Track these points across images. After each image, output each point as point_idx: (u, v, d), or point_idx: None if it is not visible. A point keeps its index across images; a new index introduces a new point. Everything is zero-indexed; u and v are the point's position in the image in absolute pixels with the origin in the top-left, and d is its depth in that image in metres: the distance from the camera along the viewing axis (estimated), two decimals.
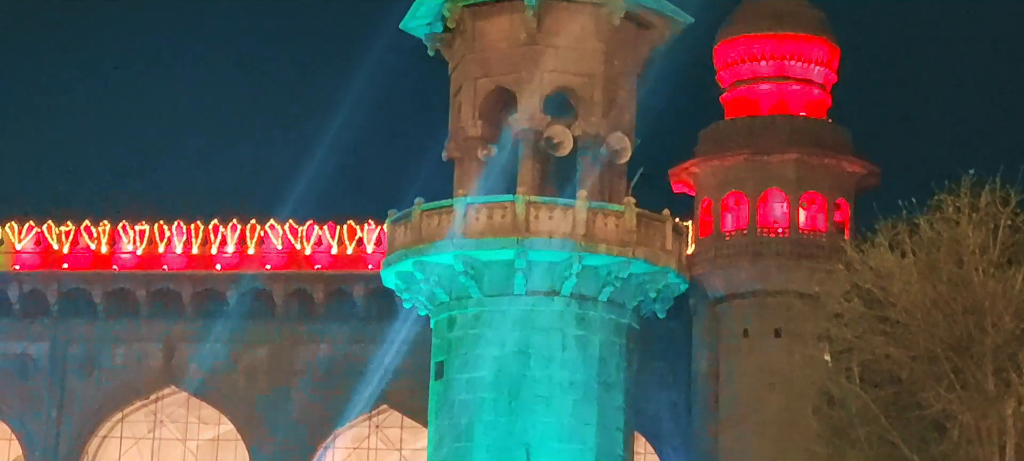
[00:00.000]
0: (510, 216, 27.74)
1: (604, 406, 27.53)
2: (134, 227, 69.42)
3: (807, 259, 58.60)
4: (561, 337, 27.78)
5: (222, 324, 67.17)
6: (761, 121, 63.81)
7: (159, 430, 71.45)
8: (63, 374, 69.79)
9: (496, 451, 26.95)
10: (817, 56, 64.94)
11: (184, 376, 68.78)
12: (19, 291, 69.26)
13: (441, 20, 29.41)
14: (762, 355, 59.46)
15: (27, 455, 69.78)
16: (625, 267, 27.79)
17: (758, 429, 48.98)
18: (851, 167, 63.26)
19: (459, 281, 28.03)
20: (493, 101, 29.14)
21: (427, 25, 29.78)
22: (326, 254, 68.10)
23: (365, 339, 62.61)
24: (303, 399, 66.18)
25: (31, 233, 69.85)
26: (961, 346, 32.52)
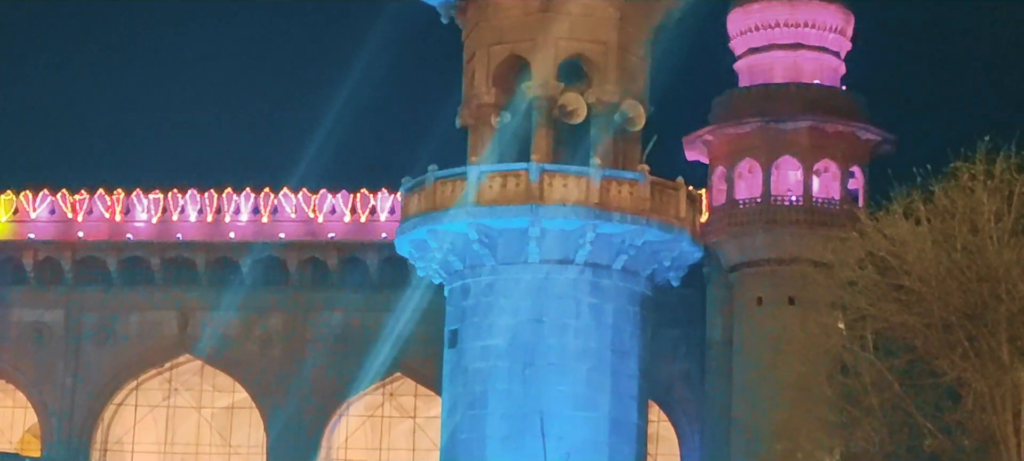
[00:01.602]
0: (524, 184, 27.73)
1: (618, 374, 27.55)
2: (148, 195, 69.54)
3: (821, 227, 58.58)
4: (575, 305, 27.80)
5: (236, 292, 67.27)
6: (775, 89, 63.71)
7: (173, 398, 71.65)
8: (78, 342, 69.98)
9: (510, 418, 26.99)
10: (832, 23, 64.79)
11: (198, 344, 68.93)
12: (33, 259, 69.44)
13: None
14: (776, 323, 59.38)
15: (42, 423, 70.02)
16: (639, 235, 27.78)
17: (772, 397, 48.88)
18: (865, 135, 63.15)
19: (473, 249, 28.04)
20: (507, 68, 29.09)
21: None
22: (339, 222, 68.19)
23: (378, 307, 62.63)
24: (317, 367, 66.32)
25: (46, 201, 70.01)
26: (975, 314, 32.52)
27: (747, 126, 62.79)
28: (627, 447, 27.50)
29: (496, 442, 26.93)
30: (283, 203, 68.45)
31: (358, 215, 68.06)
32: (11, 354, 70.14)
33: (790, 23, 64.39)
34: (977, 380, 31.91)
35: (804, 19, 64.39)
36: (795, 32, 64.42)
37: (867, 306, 34.46)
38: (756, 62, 64.84)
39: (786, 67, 64.25)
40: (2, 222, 70.03)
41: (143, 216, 69.34)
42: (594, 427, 27.11)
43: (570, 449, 26.63)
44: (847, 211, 57.35)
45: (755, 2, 64.26)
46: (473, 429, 27.28)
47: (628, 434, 27.46)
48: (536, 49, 28.50)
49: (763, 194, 62.73)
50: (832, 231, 51.83)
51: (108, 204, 69.58)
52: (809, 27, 64.55)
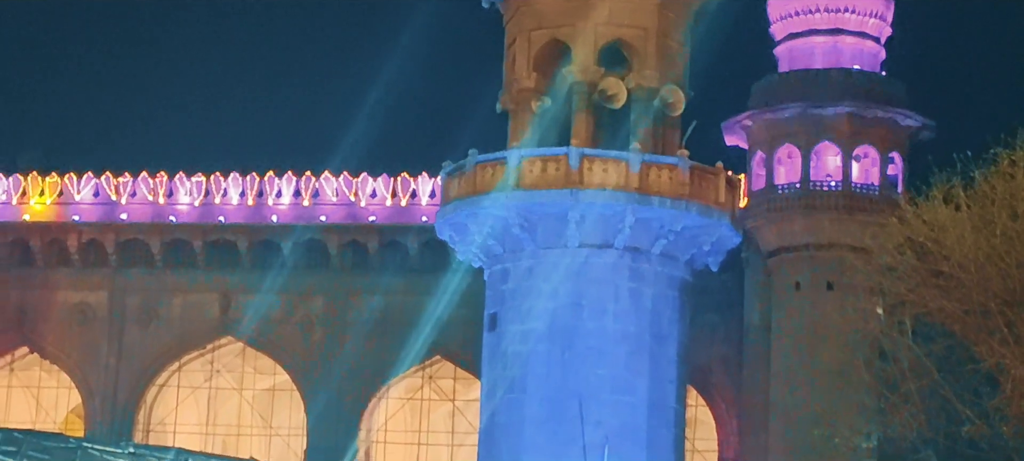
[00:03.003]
0: (564, 168, 27.71)
1: (656, 358, 27.53)
2: (191, 178, 69.83)
3: (860, 212, 58.40)
4: (614, 289, 27.77)
5: (277, 275, 67.45)
6: (815, 74, 63.56)
7: (215, 380, 71.91)
8: (121, 324, 70.31)
9: (549, 402, 27.02)
10: (872, 8, 64.55)
11: (240, 326, 69.17)
12: (78, 241, 69.78)
13: None
14: (814, 308, 59.33)
15: (86, 403, 70.43)
16: (678, 219, 27.73)
17: (809, 382, 48.86)
18: (905, 121, 62.93)
19: (512, 233, 28.04)
20: (547, 53, 29.06)
21: None
22: (380, 206, 68.32)
23: (418, 290, 62.69)
24: (357, 349, 66.47)
25: (90, 184, 70.34)
26: (1015, 300, 32.41)
27: (786, 111, 62.71)
28: (665, 431, 27.50)
29: (534, 425, 26.96)
30: (324, 186, 68.64)
31: (399, 199, 68.21)
32: (55, 335, 70.56)
33: (830, 8, 64.20)
34: (1016, 366, 31.81)
35: (844, 4, 64.19)
36: (835, 17, 64.24)
37: (906, 292, 34.37)
38: (796, 47, 64.71)
39: (826, 53, 64.09)
40: (47, 204, 70.41)
41: (186, 199, 69.63)
42: (632, 411, 27.10)
43: (608, 433, 26.63)
44: (886, 197, 57.21)
45: None
46: (512, 412, 27.32)
47: (666, 418, 27.46)
48: (576, 34, 28.46)
49: (802, 179, 62.62)
50: (871, 217, 51.74)
51: (151, 187, 69.89)
52: (849, 12, 64.36)
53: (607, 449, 26.53)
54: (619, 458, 26.69)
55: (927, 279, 33.72)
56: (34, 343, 71.37)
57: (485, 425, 28.04)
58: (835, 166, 62.60)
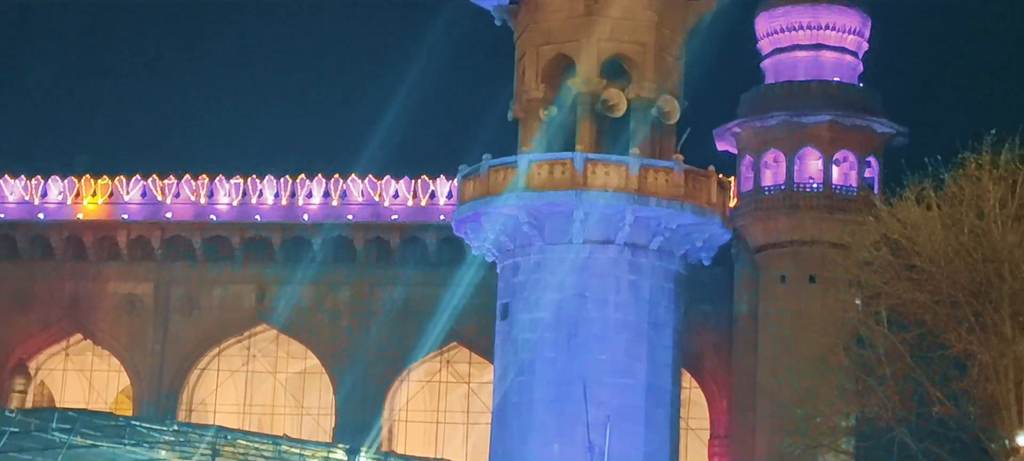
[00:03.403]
0: (569, 171, 27.70)
1: (654, 344, 27.53)
2: (230, 180, 69.96)
3: (839, 212, 58.36)
4: (615, 282, 27.77)
5: (308, 268, 67.54)
6: (798, 85, 63.57)
7: (252, 364, 71.98)
8: (166, 313, 70.40)
9: (555, 384, 27.01)
10: (850, 25, 64.61)
11: (274, 315, 69.25)
12: (127, 238, 69.89)
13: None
14: (798, 299, 59.30)
15: (134, 385, 70.56)
16: (674, 218, 27.72)
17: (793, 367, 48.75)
18: (881, 128, 62.97)
19: (522, 230, 28.05)
20: (554, 66, 29.07)
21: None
22: (402, 205, 68.36)
23: (436, 282, 62.67)
24: (380, 336, 66.49)
25: (138, 185, 70.47)
26: (981, 292, 32.37)
27: (772, 120, 62.71)
28: (661, 411, 27.49)
29: (543, 406, 26.95)
30: (351, 188, 68.72)
31: (419, 199, 68.23)
32: (106, 323, 70.68)
33: (812, 26, 64.22)
34: (982, 352, 31.76)
35: (825, 22, 64.22)
36: (816, 34, 64.26)
37: (881, 284, 34.34)
38: (781, 61, 64.70)
39: (808, 66, 64.09)
40: (99, 204, 70.52)
41: (225, 199, 69.72)
42: (632, 393, 27.09)
43: (610, 412, 26.62)
44: (863, 197, 57.12)
45: (780, 6, 64.14)
46: (522, 394, 27.31)
47: (663, 399, 27.46)
48: (581, 49, 28.45)
49: (786, 181, 62.61)
50: (850, 216, 51.68)
51: (194, 188, 70.01)
52: (829, 29, 64.39)
53: (609, 427, 26.53)
54: (620, 435, 26.68)
55: (901, 273, 33.71)
56: (87, 330, 71.48)
57: (498, 405, 28.05)
58: (817, 169, 62.59)
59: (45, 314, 71.27)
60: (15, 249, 70.67)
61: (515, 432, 27.28)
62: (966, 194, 33.12)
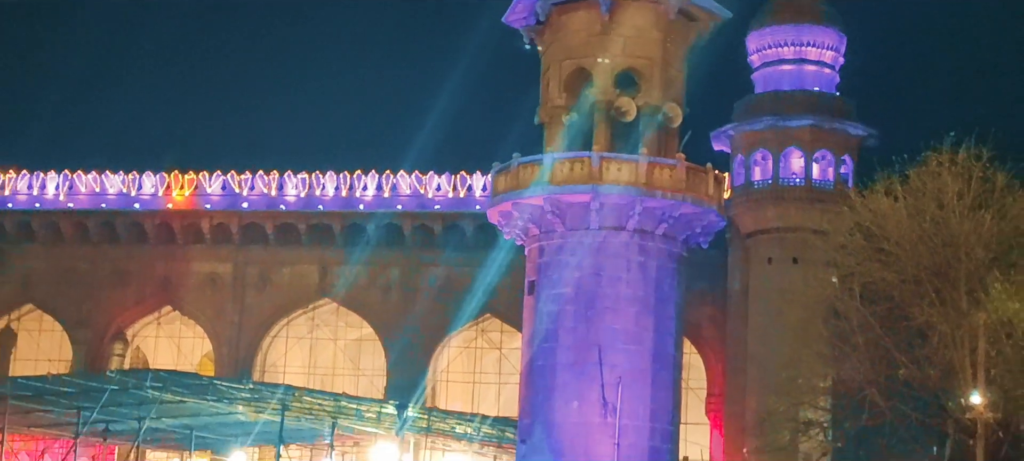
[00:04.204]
0: (587, 167, 27.67)
1: (659, 316, 27.48)
2: (297, 175, 70.21)
3: (819, 203, 58.18)
4: (626, 262, 27.72)
5: (363, 250, 67.72)
6: (784, 94, 63.46)
7: (315, 332, 72.22)
8: (243, 289, 70.67)
9: (575, 350, 27.01)
10: (828, 43, 64.54)
11: (334, 290, 69.46)
12: (209, 224, 70.17)
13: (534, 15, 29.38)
14: (782, 278, 59.14)
15: (215, 350, 70.87)
16: (676, 208, 27.67)
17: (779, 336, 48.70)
18: (855, 131, 62.86)
19: (547, 218, 28.04)
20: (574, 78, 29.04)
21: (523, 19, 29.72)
22: (443, 197, 68.45)
23: (473, 263, 62.82)
24: (425, 308, 66.60)
25: (218, 179, 70.73)
26: (941, 272, 32.26)
27: (761, 124, 62.62)
28: (666, 373, 27.45)
29: (564, 368, 26.94)
30: (400, 181, 68.86)
31: (458, 191, 68.33)
32: (192, 297, 71.02)
33: (795, 43, 64.20)
34: (941, 323, 31.64)
35: (806, 40, 64.16)
36: (799, 50, 64.21)
37: (855, 265, 34.24)
38: (768, 74, 64.62)
39: (792, 78, 64.01)
40: (185, 196, 70.80)
41: (293, 191, 69.94)
42: (640, 357, 27.04)
43: (621, 374, 26.59)
44: (839, 190, 56.87)
45: (768, 26, 64.09)
46: (546, 358, 27.30)
47: (667, 363, 27.41)
48: (597, 63, 28.38)
49: (773, 177, 62.48)
50: (827, 206, 51.49)
51: (266, 182, 70.26)
52: (810, 46, 64.33)
53: (620, 386, 26.50)
54: (630, 394, 26.65)
55: (872, 255, 33.60)
56: (176, 303, 71.82)
57: (525, 367, 28.07)
58: (799, 166, 62.45)
59: (140, 289, 71.65)
60: (115, 234, 71.05)
61: (540, 391, 27.26)
62: (928, 187, 33.01)
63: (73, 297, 71.21)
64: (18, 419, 43.71)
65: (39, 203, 71.75)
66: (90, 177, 71.76)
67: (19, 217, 71.67)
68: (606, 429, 26.30)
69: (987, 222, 32.25)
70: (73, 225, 71.18)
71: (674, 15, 28.45)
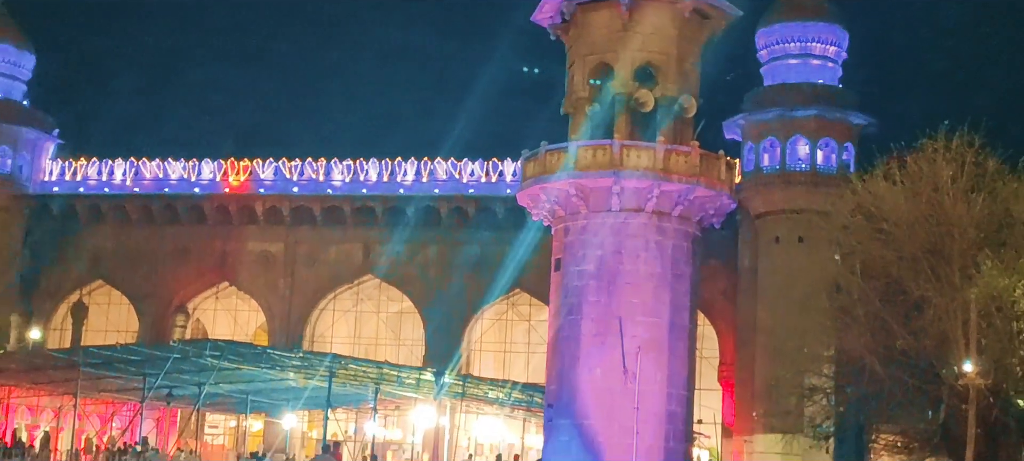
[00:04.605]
0: (609, 154, 27.70)
1: (675, 291, 27.52)
2: (342, 162, 70.39)
3: (823, 186, 58.10)
4: (644, 241, 27.76)
5: (403, 231, 67.89)
6: (790, 86, 63.38)
7: (359, 305, 72.49)
8: (293, 265, 70.99)
9: (597, 321, 27.11)
10: (831, 39, 64.43)
11: (377, 267, 69.69)
12: (263, 207, 70.48)
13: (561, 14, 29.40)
14: (789, 256, 59.14)
15: (268, 322, 71.24)
16: (691, 191, 27.69)
17: (786, 309, 48.78)
18: (856, 120, 62.77)
19: (572, 201, 28.11)
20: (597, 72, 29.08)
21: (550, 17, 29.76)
22: (477, 181, 68.55)
23: (504, 242, 62.86)
24: (460, 284, 66.74)
25: (271, 166, 71.02)
26: (936, 250, 32.18)
27: (769, 114, 62.59)
28: (681, 343, 27.51)
29: (588, 338, 27.04)
30: (437, 167, 68.97)
31: (490, 176, 68.41)
32: (247, 274, 71.41)
33: (801, 39, 64.16)
34: (936, 297, 31.58)
35: (811, 36, 64.10)
36: (805, 46, 64.18)
37: (856, 244, 34.19)
38: (776, 67, 64.54)
39: (798, 71, 63.96)
40: (240, 181, 71.12)
41: (339, 176, 70.15)
42: (657, 329, 27.09)
43: (640, 344, 26.67)
44: (842, 175, 56.79)
45: (776, 24, 64.03)
46: (571, 329, 27.40)
47: (682, 334, 27.47)
48: (618, 58, 28.38)
49: (781, 162, 62.45)
50: (831, 189, 51.36)
51: (314, 168, 70.50)
52: (815, 43, 64.26)
53: (639, 355, 26.57)
54: (648, 362, 26.72)
55: (871, 235, 33.54)
56: (232, 279, 72.21)
57: (552, 338, 28.17)
58: (805, 153, 62.36)
59: (199, 266, 72.04)
60: (176, 216, 71.47)
61: (566, 359, 27.35)
62: (924, 172, 32.91)
63: (139, 273, 71.71)
64: (90, 385, 44.11)
65: (107, 188, 72.23)
66: (154, 164, 72.19)
67: (90, 201, 72.19)
68: (626, 394, 26.37)
69: (979, 204, 32.17)
70: (138, 208, 71.63)
71: (689, 13, 28.39)
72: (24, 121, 72.59)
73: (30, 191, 72.25)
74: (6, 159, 72.03)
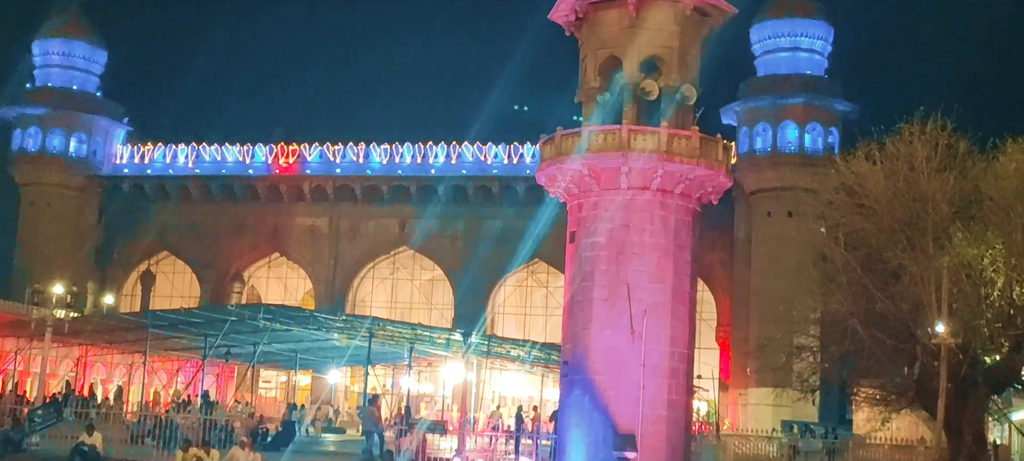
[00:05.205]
0: (618, 138, 27.56)
1: (677, 260, 27.42)
2: (379, 146, 70.54)
3: (810, 166, 57.98)
4: (650, 216, 27.63)
5: (434, 207, 68.09)
6: (781, 77, 63.25)
7: (396, 274, 72.76)
8: (337, 238, 71.29)
9: (608, 287, 27.05)
10: (818, 33, 64.23)
11: (411, 240, 69.89)
12: (309, 186, 70.79)
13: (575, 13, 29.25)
14: (779, 228, 59.01)
15: (315, 288, 71.63)
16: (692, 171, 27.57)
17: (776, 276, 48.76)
18: (840, 106, 62.70)
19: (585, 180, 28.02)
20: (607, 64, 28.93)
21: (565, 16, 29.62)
22: (500, 163, 68.64)
23: (524, 217, 62.99)
24: (486, 255, 66.92)
25: (316, 149, 71.22)
26: (911, 223, 31.97)
27: (762, 101, 62.49)
28: (682, 307, 27.44)
29: (599, 302, 26.99)
30: (464, 150, 69.05)
31: (511, 158, 68.49)
32: (296, 245, 71.81)
33: (791, 34, 64.02)
34: (912, 265, 31.39)
35: (800, 31, 63.95)
36: (794, 40, 64.03)
37: (840, 217, 33.98)
38: (768, 59, 64.37)
39: (788, 63, 63.82)
40: (289, 163, 71.39)
41: (377, 159, 70.29)
42: (661, 294, 27.01)
43: (646, 307, 26.61)
44: (827, 156, 56.58)
45: (768, 21, 63.90)
46: (585, 294, 27.37)
47: (683, 298, 27.40)
48: (626, 51, 28.20)
49: (772, 145, 62.34)
50: (817, 169, 51.17)
51: (355, 151, 70.71)
52: (803, 36, 64.12)
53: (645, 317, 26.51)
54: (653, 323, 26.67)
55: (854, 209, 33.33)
56: (282, 250, 72.63)
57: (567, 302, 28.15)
58: (794, 136, 62.22)
59: (254, 239, 72.44)
60: (233, 195, 71.84)
61: (580, 321, 27.31)
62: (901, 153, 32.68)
63: (200, 245, 72.15)
64: (157, 345, 44.37)
65: (172, 169, 72.64)
66: (213, 148, 72.53)
67: (156, 181, 72.64)
68: (634, 352, 26.31)
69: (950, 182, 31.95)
70: (199, 187, 71.99)
71: (690, 11, 28.16)
72: (97, 110, 73.14)
73: (103, 173, 72.83)
74: (82, 145, 72.61)
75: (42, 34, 73.60)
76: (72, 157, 72.12)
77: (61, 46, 73.48)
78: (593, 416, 26.18)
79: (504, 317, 70.90)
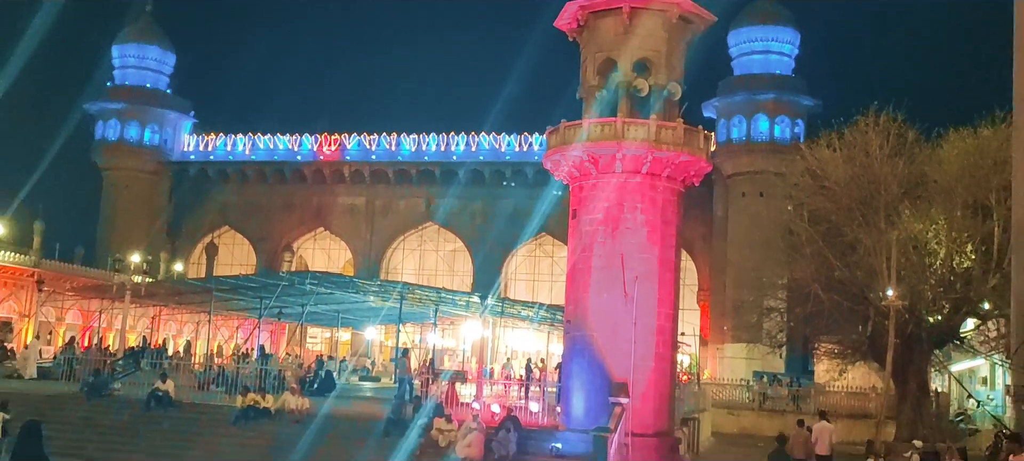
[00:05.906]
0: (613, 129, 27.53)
1: (664, 234, 27.40)
2: (408, 135, 70.55)
3: (779, 153, 57.76)
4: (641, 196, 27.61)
5: (456, 188, 68.11)
6: (754, 76, 62.99)
7: (423, 245, 72.85)
8: (372, 215, 71.37)
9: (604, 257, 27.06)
10: (787, 38, 63.90)
11: (436, 216, 69.98)
12: (349, 170, 70.83)
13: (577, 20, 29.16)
14: (753, 207, 58.86)
15: (354, 259, 71.80)
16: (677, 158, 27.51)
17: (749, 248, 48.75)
18: (805, 101, 62.45)
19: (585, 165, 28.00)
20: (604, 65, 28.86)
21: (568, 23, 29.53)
22: (512, 150, 68.55)
23: (533, 197, 63.11)
24: (500, 229, 66.94)
25: (354, 138, 71.23)
26: (866, 202, 31.97)
27: (738, 97, 62.21)
28: (668, 274, 27.44)
29: (597, 271, 27.01)
30: (481, 139, 68.99)
31: (522, 146, 68.40)
32: (337, 221, 71.95)
33: (763, 39, 63.77)
34: (866, 238, 31.41)
35: (771, 36, 63.65)
36: (766, 44, 63.77)
37: (805, 197, 33.99)
38: (744, 60, 64.10)
39: (760, 63, 63.52)
40: (332, 150, 71.44)
41: (406, 147, 70.29)
42: (650, 263, 27.02)
43: (638, 274, 26.63)
44: (794, 144, 56.44)
45: (744, 27, 63.64)
46: (584, 264, 27.39)
47: (669, 266, 27.40)
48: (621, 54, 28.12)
49: (747, 135, 62.11)
50: (785, 156, 51.10)
51: (388, 140, 70.70)
52: (774, 40, 63.84)
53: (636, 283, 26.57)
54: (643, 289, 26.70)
55: (816, 190, 33.34)
56: (326, 225, 72.77)
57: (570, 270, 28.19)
58: (765, 127, 62.01)
59: (301, 215, 72.63)
60: (284, 178, 72.01)
61: (580, 286, 27.35)
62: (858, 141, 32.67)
63: (256, 221, 72.43)
64: (219, 306, 44.55)
65: (231, 156, 72.84)
66: (266, 137, 72.61)
67: (218, 166, 72.88)
68: (627, 312, 26.37)
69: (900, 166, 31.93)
70: (255, 171, 72.21)
71: (676, 19, 28.06)
72: (167, 105, 73.52)
73: (173, 159, 73.19)
74: (154, 135, 72.95)
75: (120, 40, 74.08)
76: (146, 146, 72.48)
77: (136, 50, 73.82)
78: (592, 367, 26.32)
79: (516, 282, 71.02)
